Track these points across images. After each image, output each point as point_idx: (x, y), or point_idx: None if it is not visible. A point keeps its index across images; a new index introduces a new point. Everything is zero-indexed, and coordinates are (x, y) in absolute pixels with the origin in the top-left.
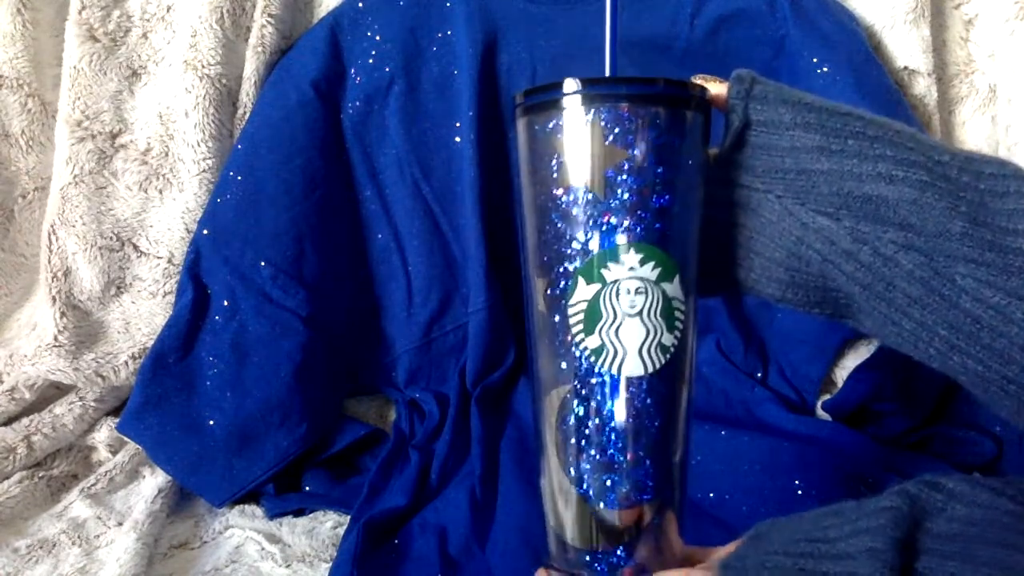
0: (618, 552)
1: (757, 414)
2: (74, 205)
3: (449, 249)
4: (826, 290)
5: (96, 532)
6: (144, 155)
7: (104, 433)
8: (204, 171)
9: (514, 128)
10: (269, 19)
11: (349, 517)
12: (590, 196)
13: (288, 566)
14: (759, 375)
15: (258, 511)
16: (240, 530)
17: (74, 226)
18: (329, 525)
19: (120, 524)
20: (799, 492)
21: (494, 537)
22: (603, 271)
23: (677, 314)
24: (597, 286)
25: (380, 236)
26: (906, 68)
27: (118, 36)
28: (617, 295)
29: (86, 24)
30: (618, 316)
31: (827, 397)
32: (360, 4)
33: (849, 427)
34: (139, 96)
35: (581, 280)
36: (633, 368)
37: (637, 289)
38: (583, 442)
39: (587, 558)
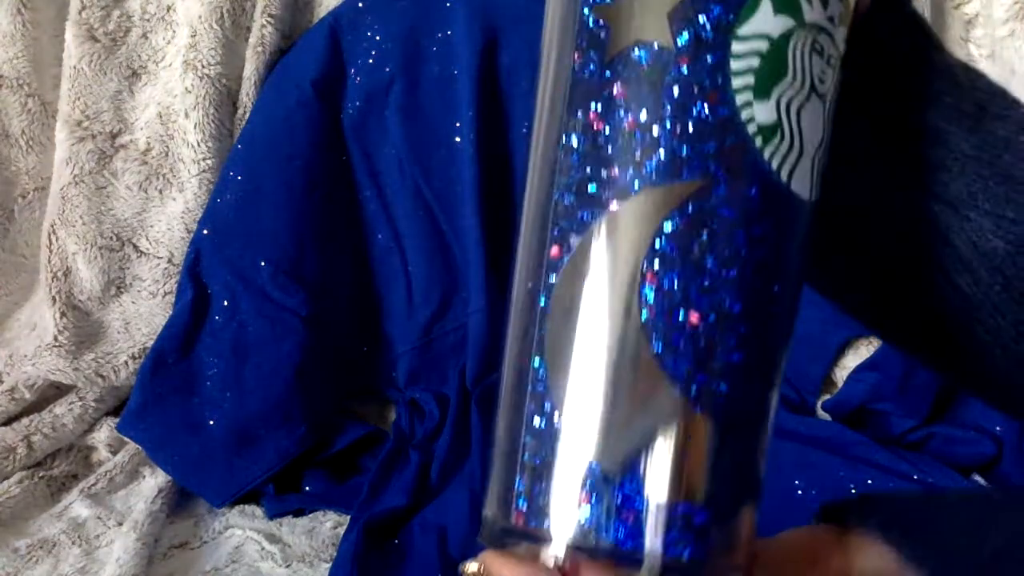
0: (694, 505)
1: None
2: (74, 205)
3: (449, 249)
4: None
5: (96, 532)
6: (144, 155)
7: (104, 433)
8: (204, 171)
9: None
10: (269, 19)
11: (349, 517)
12: None
13: (288, 566)
14: None
15: (258, 511)
16: (240, 530)
17: (74, 226)
18: (329, 525)
19: (120, 524)
20: (799, 492)
21: None
22: (805, 2)
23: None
24: (790, 22)
25: (380, 236)
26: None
27: (118, 36)
28: (811, 52)
29: (86, 24)
30: (804, 86)
31: (827, 397)
32: (360, 4)
33: (849, 427)
34: (139, 96)
35: (767, 1)
36: (801, 181)
37: (829, 58)
38: (685, 290)
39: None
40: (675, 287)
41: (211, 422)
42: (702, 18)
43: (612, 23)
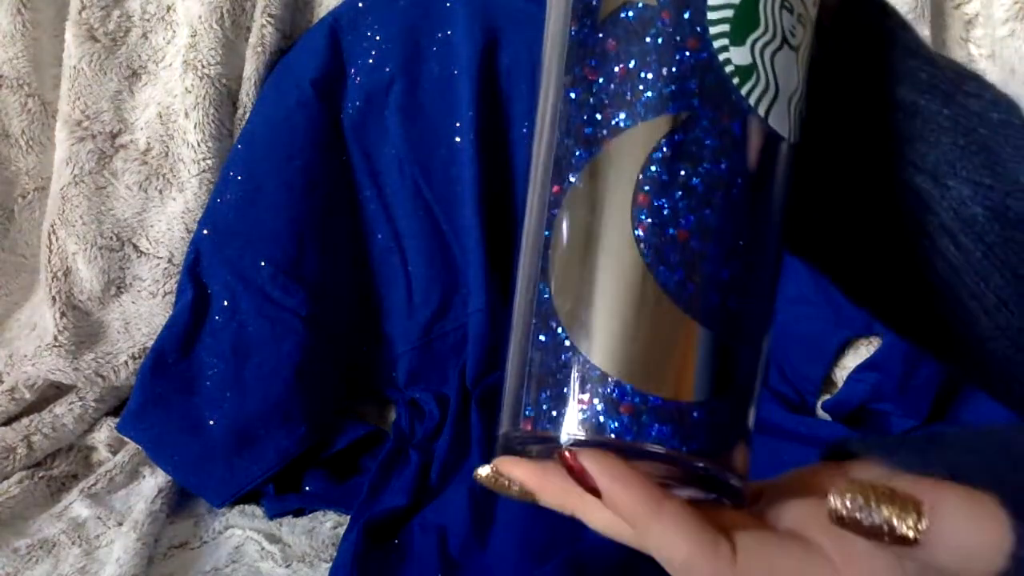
0: (689, 403)
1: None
2: (74, 205)
3: (449, 249)
4: None
5: (96, 532)
6: (144, 155)
7: (104, 433)
8: (204, 171)
9: None
10: (269, 19)
11: (349, 517)
12: None
13: (288, 566)
14: None
15: (258, 511)
16: (240, 530)
17: (74, 226)
18: (329, 525)
19: (120, 524)
20: None
21: (494, 537)
22: None
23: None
24: None
25: (380, 236)
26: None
27: (118, 36)
28: (780, 7)
29: (86, 24)
30: (776, 37)
31: (827, 397)
32: (360, 4)
33: (849, 427)
34: (139, 96)
35: None
36: (779, 118)
37: (799, 16)
38: (675, 209)
39: (651, 403)
40: (665, 207)
41: (211, 422)
42: None
43: None
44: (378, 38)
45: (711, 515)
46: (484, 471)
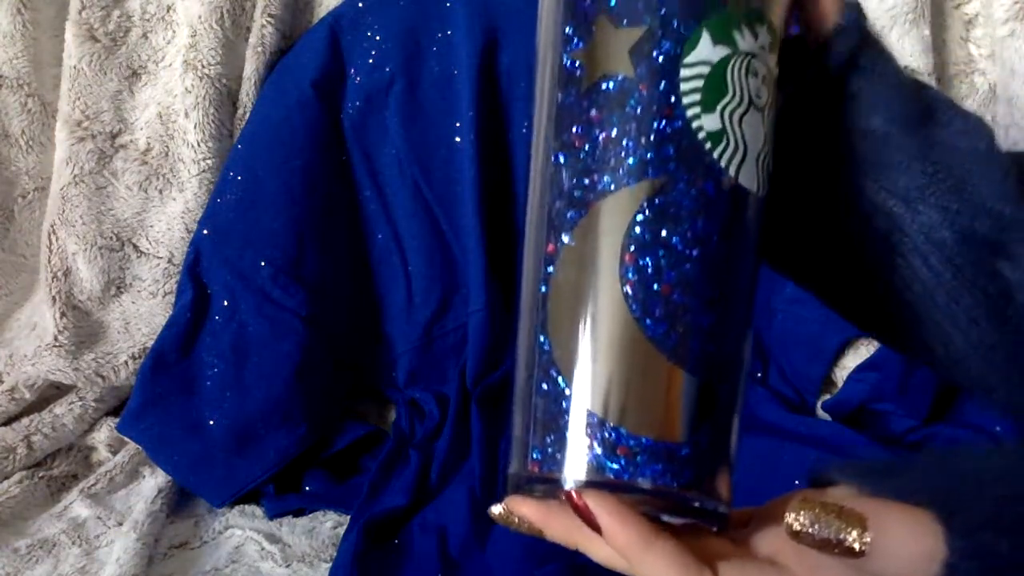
0: (678, 443)
1: (757, 414)
2: (74, 205)
3: (449, 249)
4: None
5: (96, 532)
6: (144, 155)
7: (104, 433)
8: (204, 171)
9: None
10: (269, 19)
11: (349, 517)
12: None
13: (288, 566)
14: (759, 375)
15: (258, 511)
16: (240, 530)
17: (74, 226)
18: (329, 525)
19: (120, 524)
20: None
21: (494, 537)
22: (738, 34)
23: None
24: (726, 50)
25: (380, 236)
26: (906, 68)
27: (118, 36)
28: (747, 73)
29: (86, 24)
30: (743, 101)
31: (827, 397)
32: (360, 4)
33: (849, 427)
34: (139, 96)
35: (707, 35)
36: (748, 176)
37: (763, 78)
38: (658, 266)
39: (643, 445)
40: (650, 265)
41: (211, 422)
42: (655, 52)
43: (586, 63)
44: (378, 38)
45: (698, 546)
46: (497, 509)
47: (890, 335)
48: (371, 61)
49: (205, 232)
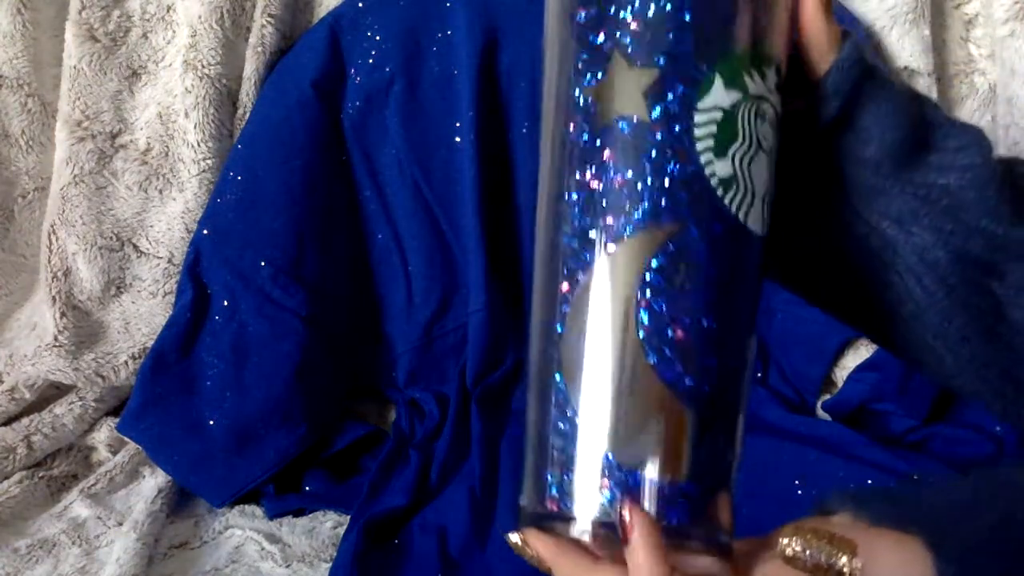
0: (689, 482)
1: (757, 414)
2: (74, 205)
3: (449, 249)
4: None
5: (96, 532)
6: (144, 155)
7: (104, 433)
8: (204, 171)
9: None
10: (269, 19)
11: (349, 517)
12: None
13: (288, 566)
14: (759, 375)
15: (258, 511)
16: (240, 530)
17: (74, 226)
18: (329, 525)
19: (120, 524)
20: (799, 492)
21: (494, 537)
22: (748, 78)
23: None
24: (738, 95)
25: (380, 236)
26: (906, 68)
27: (118, 36)
28: (756, 116)
29: (86, 24)
30: (752, 145)
31: (827, 397)
32: (360, 4)
33: (849, 427)
34: (139, 96)
35: (719, 80)
36: (755, 219)
37: (771, 121)
38: (672, 311)
39: (636, 478)
40: (663, 309)
41: (211, 422)
42: (670, 95)
43: (599, 100)
44: (378, 38)
45: None
46: (514, 538)
47: (887, 344)
48: (371, 61)
49: (205, 232)
